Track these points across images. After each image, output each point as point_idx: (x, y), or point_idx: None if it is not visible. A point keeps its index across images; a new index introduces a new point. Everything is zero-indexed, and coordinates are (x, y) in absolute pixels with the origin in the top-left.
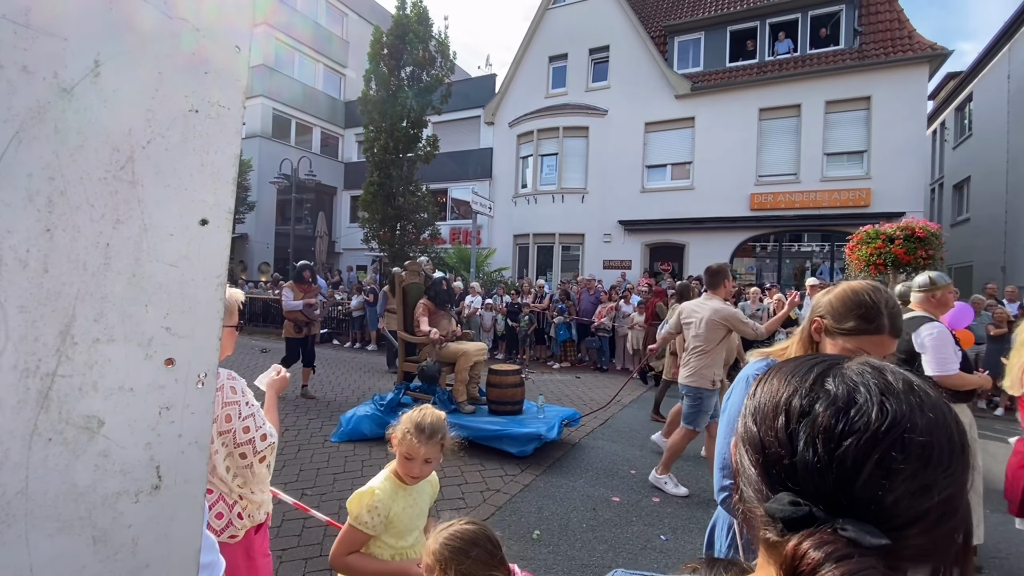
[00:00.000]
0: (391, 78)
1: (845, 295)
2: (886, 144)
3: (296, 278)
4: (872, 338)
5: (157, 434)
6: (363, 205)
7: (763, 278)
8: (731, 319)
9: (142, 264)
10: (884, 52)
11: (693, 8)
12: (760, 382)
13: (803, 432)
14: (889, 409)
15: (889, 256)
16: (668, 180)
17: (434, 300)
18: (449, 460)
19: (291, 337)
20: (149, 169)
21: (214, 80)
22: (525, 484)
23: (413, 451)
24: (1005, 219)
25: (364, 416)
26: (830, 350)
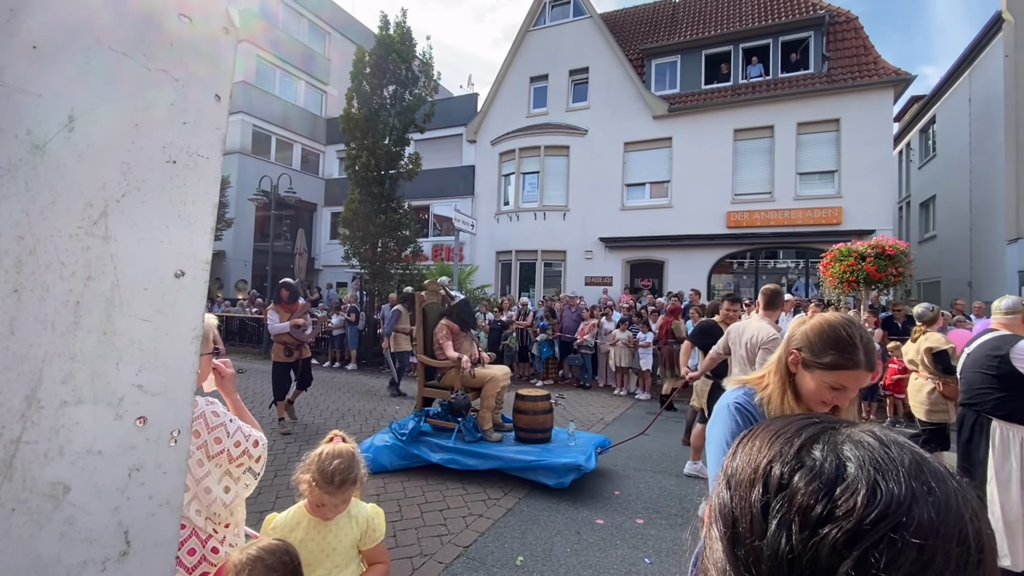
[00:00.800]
0: (374, 96)
1: (822, 329)
2: (855, 164)
3: (276, 299)
4: (849, 372)
5: (126, 497)
6: (344, 222)
7: (741, 294)
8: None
9: (114, 321)
10: (851, 76)
11: (669, 32)
12: (742, 440)
13: (777, 510)
14: (882, 493)
15: (861, 273)
16: (647, 198)
17: (458, 322)
18: (431, 484)
19: (280, 362)
20: (123, 223)
21: (192, 130)
22: (508, 508)
23: (323, 501)
24: (970, 236)
25: (384, 447)
26: (808, 382)
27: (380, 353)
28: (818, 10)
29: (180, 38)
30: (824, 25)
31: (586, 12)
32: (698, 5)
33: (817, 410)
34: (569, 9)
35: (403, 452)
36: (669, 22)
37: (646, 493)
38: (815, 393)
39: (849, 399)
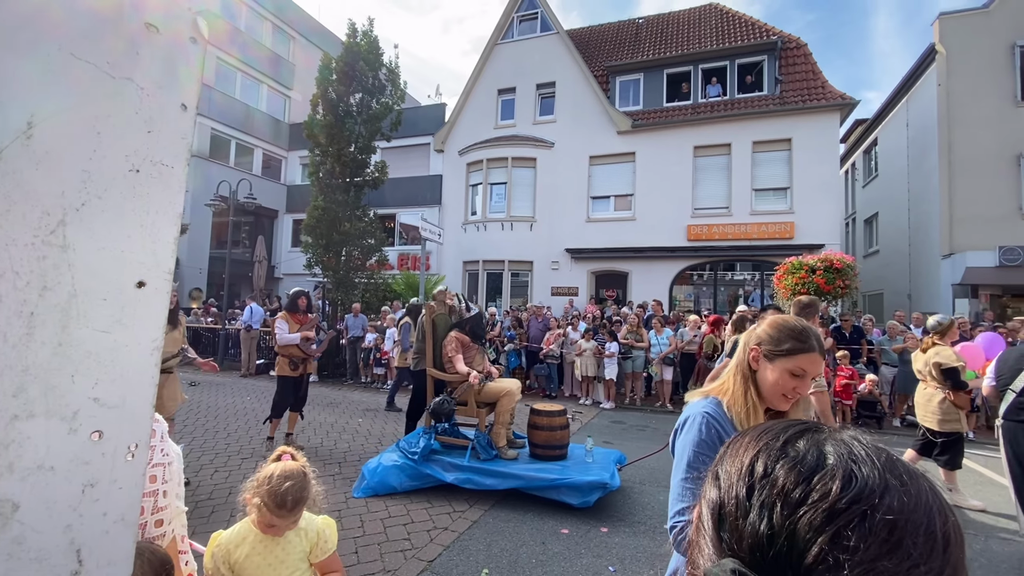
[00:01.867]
0: (340, 103)
1: (778, 323)
2: (806, 182)
3: (289, 307)
4: (808, 356)
5: (79, 515)
6: (306, 229)
7: (700, 305)
8: None
9: (70, 332)
10: (801, 99)
11: (633, 51)
12: (731, 442)
13: (759, 492)
14: (857, 479)
15: (812, 285)
16: (612, 211)
17: (470, 335)
18: (395, 498)
19: (285, 375)
20: (82, 232)
21: (157, 139)
22: (474, 520)
23: (273, 523)
24: (909, 251)
25: (392, 467)
26: (769, 375)
27: (345, 366)
28: (771, 36)
29: (146, 46)
30: (776, 50)
31: (553, 28)
32: (660, 26)
33: (778, 405)
34: (536, 24)
35: (414, 472)
36: (632, 41)
37: (611, 501)
38: (776, 385)
39: (806, 386)
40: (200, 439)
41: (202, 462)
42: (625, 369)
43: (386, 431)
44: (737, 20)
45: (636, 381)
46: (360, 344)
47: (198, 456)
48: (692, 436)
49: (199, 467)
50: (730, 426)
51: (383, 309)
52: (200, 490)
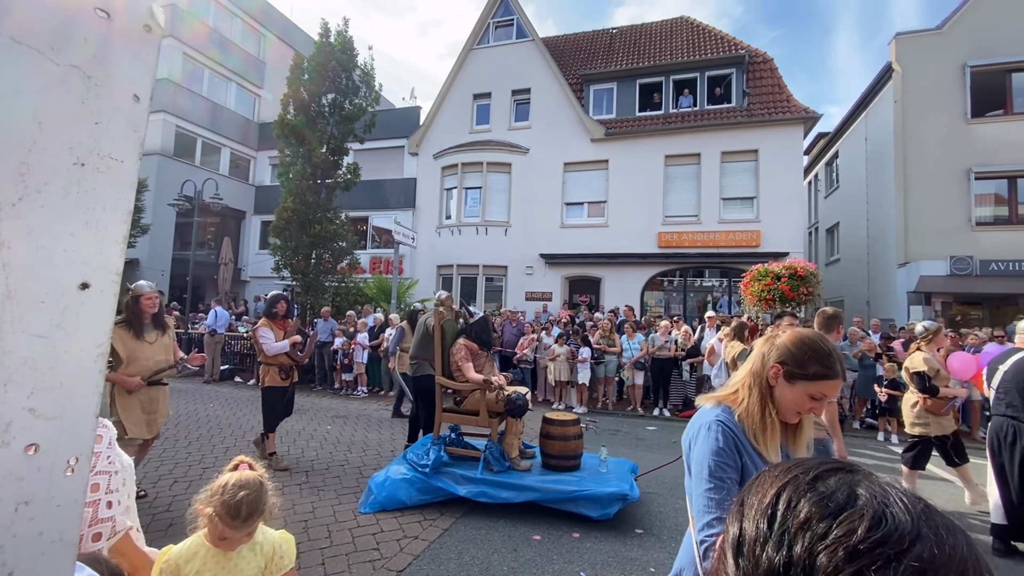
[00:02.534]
0: (312, 104)
1: (803, 343)
2: (771, 192)
3: (268, 313)
4: (831, 382)
5: (12, 535)
6: (275, 231)
7: (671, 310)
8: None
9: (3, 337)
10: (768, 112)
11: (607, 60)
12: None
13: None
14: (888, 522)
15: (777, 292)
16: (585, 217)
17: (477, 341)
18: (351, 504)
19: (275, 386)
20: (20, 229)
21: (106, 131)
22: (445, 528)
23: (227, 535)
24: (867, 260)
25: (401, 480)
26: (788, 394)
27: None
28: (739, 50)
29: (96, 34)
30: (744, 64)
31: (528, 35)
32: (633, 37)
33: (789, 419)
34: (512, 31)
35: (424, 486)
36: (606, 51)
37: None
38: (793, 403)
39: (823, 407)
40: (159, 448)
41: (160, 472)
42: (598, 374)
43: (355, 438)
44: (707, 33)
45: (608, 386)
46: (329, 349)
47: (156, 466)
48: (711, 445)
49: (157, 478)
50: (743, 435)
51: (349, 313)
52: (158, 502)
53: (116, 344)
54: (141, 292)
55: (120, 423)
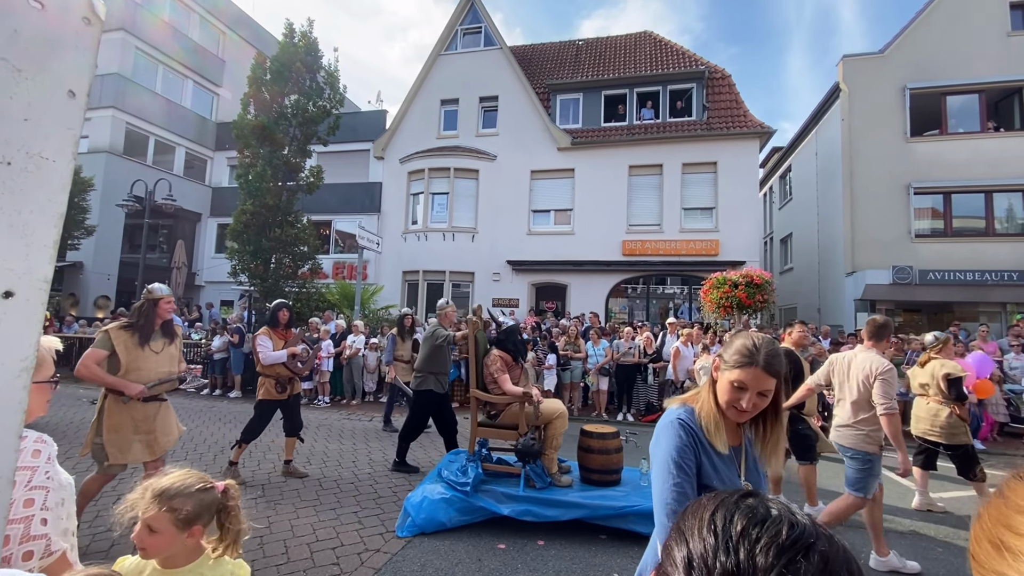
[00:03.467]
0: (273, 104)
1: (737, 340)
2: (729, 202)
3: (270, 321)
4: (748, 370)
5: None
6: (233, 235)
7: (635, 317)
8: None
9: None
10: (726, 126)
11: (573, 71)
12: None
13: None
14: (797, 525)
15: (734, 299)
16: (552, 224)
17: (511, 352)
18: (323, 520)
19: (269, 399)
20: None
21: (35, 128)
22: (408, 540)
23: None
24: (818, 269)
25: (440, 501)
26: (723, 384)
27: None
28: (699, 65)
29: (27, 25)
30: (704, 79)
31: (496, 43)
32: (599, 49)
33: (734, 417)
34: (480, 39)
35: (464, 505)
36: (573, 62)
37: None
38: (724, 392)
39: (750, 401)
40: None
41: (104, 490)
42: (563, 380)
43: (315, 450)
44: (669, 48)
45: (574, 391)
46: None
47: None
48: (673, 441)
49: (100, 495)
50: (700, 432)
51: (311, 320)
52: (99, 521)
53: (118, 349)
54: (160, 295)
55: (101, 447)
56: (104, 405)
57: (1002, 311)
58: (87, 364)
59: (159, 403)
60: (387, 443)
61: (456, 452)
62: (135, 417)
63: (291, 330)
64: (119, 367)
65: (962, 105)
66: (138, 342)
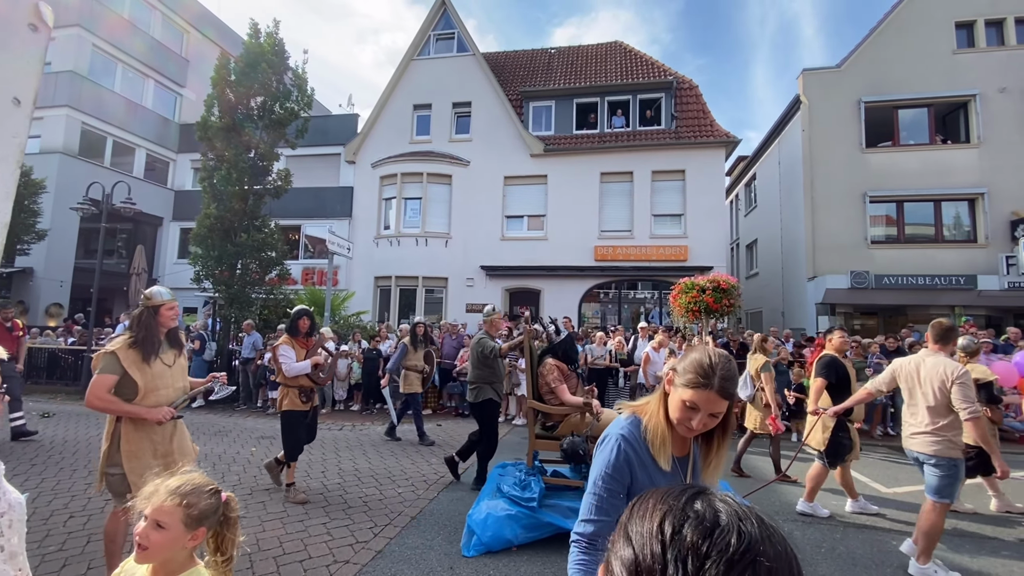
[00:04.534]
0: (239, 106)
1: (693, 355)
2: (697, 209)
3: (291, 330)
4: (701, 392)
5: None
6: (196, 240)
7: (607, 321)
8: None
9: None
10: (694, 135)
11: (545, 79)
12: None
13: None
14: (745, 533)
15: (702, 304)
16: (525, 230)
17: (565, 360)
18: (289, 532)
19: (295, 410)
20: None
21: None
22: (378, 550)
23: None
24: (782, 274)
25: (504, 517)
26: (675, 400)
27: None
28: (668, 76)
29: None
30: (672, 89)
31: (469, 49)
32: (571, 58)
33: (683, 432)
34: (453, 44)
35: (531, 522)
36: (545, 69)
37: None
38: (675, 408)
39: (701, 422)
40: (52, 480)
41: (54, 507)
42: None
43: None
44: (638, 59)
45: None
46: (251, 366)
47: (49, 500)
48: (605, 456)
49: (49, 513)
50: (643, 447)
51: (280, 328)
52: (50, 540)
53: (131, 370)
54: (161, 300)
55: (122, 478)
56: (117, 429)
57: (951, 314)
58: (98, 395)
59: (174, 421)
60: (357, 452)
61: (503, 465)
62: (154, 440)
63: (311, 338)
64: (137, 391)
65: (913, 118)
66: (145, 358)
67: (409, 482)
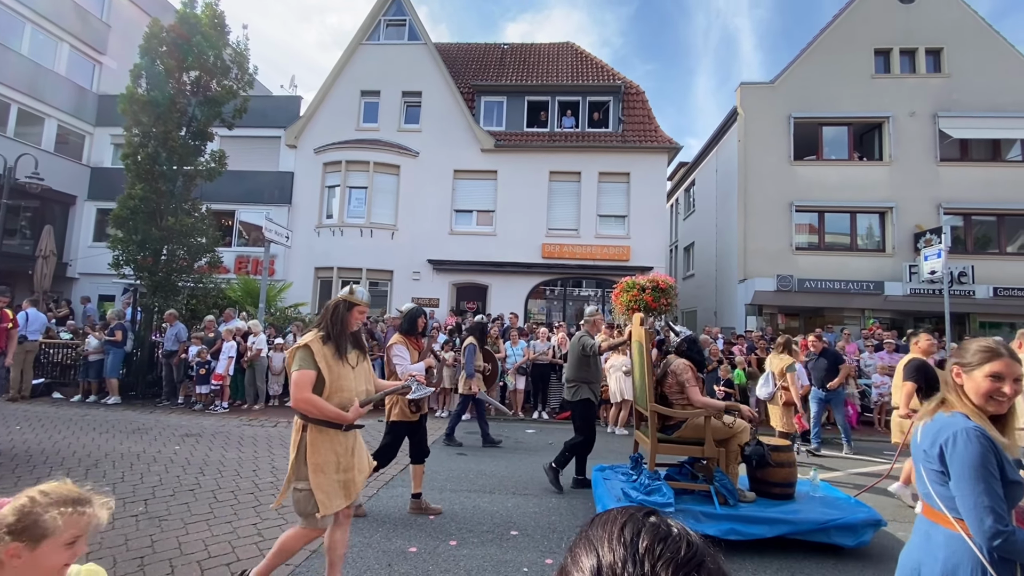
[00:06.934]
0: (170, 80)
1: (971, 345)
2: (640, 212)
3: (408, 329)
4: (999, 361)
5: None
6: (116, 222)
7: (552, 318)
8: None
9: None
10: (639, 140)
11: (498, 74)
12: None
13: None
14: (693, 543)
15: (642, 303)
16: (474, 225)
17: (695, 363)
18: (215, 535)
19: (404, 420)
20: None
21: None
22: (313, 549)
23: None
24: (716, 275)
25: None
26: (970, 384)
27: (162, 383)
28: (616, 80)
29: None
30: (620, 93)
31: (421, 38)
32: (523, 55)
33: (994, 409)
34: (404, 31)
35: None
36: (498, 65)
37: (460, 513)
38: (985, 385)
39: (1012, 388)
40: None
41: None
42: None
43: (210, 458)
44: (589, 61)
45: (492, 391)
46: (175, 359)
47: None
48: (975, 449)
49: None
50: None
51: (207, 318)
52: None
53: (322, 366)
54: (360, 301)
55: (309, 494)
56: (303, 438)
57: (861, 316)
58: (304, 395)
59: (355, 432)
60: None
61: (601, 468)
62: (337, 451)
63: (422, 339)
64: (323, 389)
65: (835, 135)
66: (338, 354)
67: None
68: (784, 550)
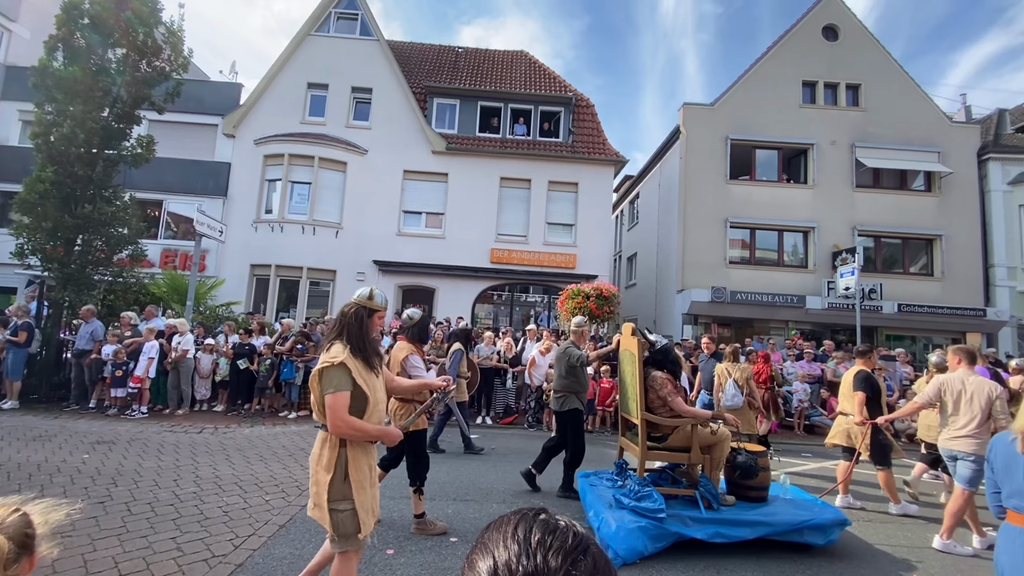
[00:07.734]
0: (92, 55)
1: None
2: (587, 221)
3: (420, 336)
4: None
5: None
6: (23, 206)
7: (499, 323)
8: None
9: None
10: (587, 151)
11: (451, 77)
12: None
13: (526, 544)
14: (579, 535)
15: (587, 309)
16: (423, 227)
17: (672, 371)
18: (127, 551)
19: (423, 429)
20: None
21: None
22: (238, 563)
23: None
24: (656, 285)
25: (635, 529)
26: None
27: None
28: (568, 91)
29: None
30: (571, 105)
31: (373, 34)
32: (477, 60)
33: None
34: (356, 26)
35: (658, 532)
36: (452, 67)
37: (399, 521)
38: None
39: None
40: None
41: None
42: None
43: (125, 467)
44: (542, 71)
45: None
46: (87, 359)
47: None
48: None
49: None
50: None
51: (124, 315)
52: None
53: (359, 382)
54: (378, 306)
55: (352, 514)
56: (342, 455)
57: (785, 327)
58: (344, 418)
59: (374, 445)
60: (219, 457)
61: (586, 474)
62: (371, 465)
63: (423, 347)
64: (365, 407)
65: (766, 158)
66: (369, 366)
67: (279, 488)
68: (760, 550)
